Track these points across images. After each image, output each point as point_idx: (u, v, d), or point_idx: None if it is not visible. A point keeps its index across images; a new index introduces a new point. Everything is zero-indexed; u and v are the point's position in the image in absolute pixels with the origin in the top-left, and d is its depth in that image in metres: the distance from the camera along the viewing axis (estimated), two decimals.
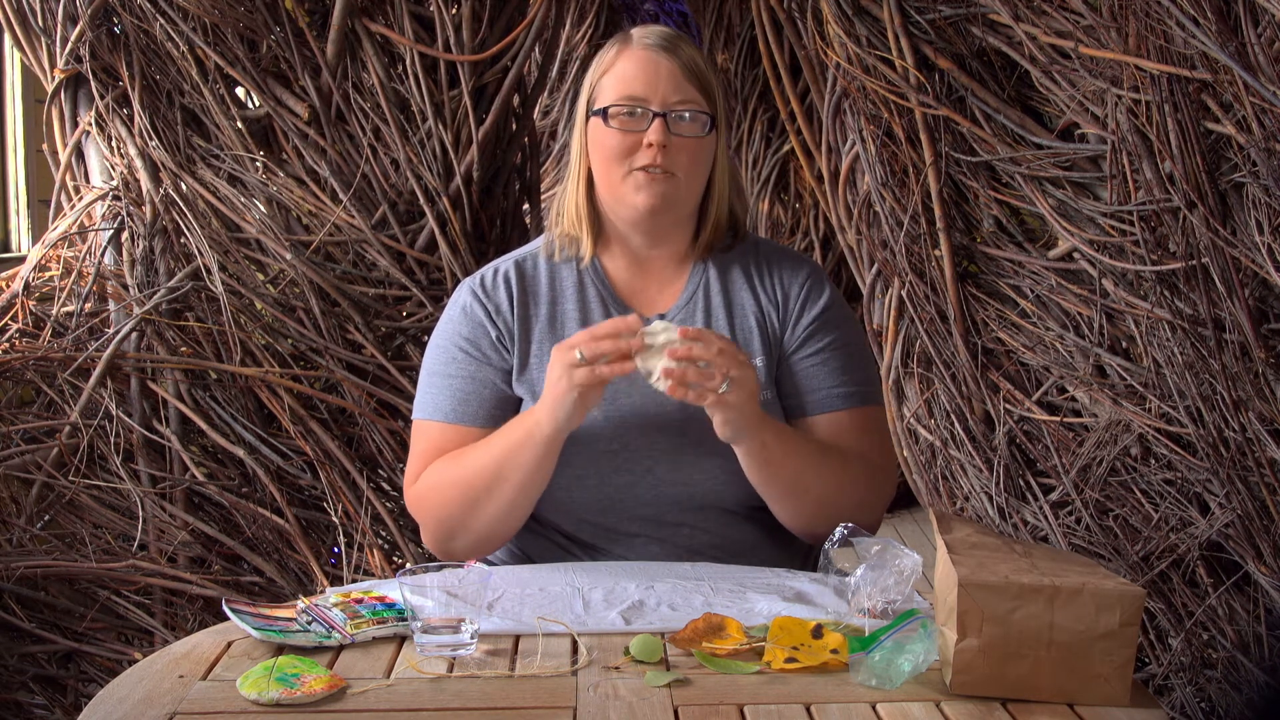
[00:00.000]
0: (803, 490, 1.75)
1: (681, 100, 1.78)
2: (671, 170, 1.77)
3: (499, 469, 1.73)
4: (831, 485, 1.75)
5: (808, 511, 1.77)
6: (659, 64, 1.78)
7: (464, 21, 3.03)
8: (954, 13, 2.92)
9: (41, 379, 2.90)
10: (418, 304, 3.07)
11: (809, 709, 1.28)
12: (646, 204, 1.78)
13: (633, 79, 1.78)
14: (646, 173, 1.77)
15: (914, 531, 4.56)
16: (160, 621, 2.78)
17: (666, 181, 1.77)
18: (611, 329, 1.64)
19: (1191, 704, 2.62)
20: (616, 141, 1.78)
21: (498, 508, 1.75)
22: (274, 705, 1.28)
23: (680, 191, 1.80)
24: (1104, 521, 2.77)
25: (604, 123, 1.78)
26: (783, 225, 4.96)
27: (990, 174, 2.97)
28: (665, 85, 1.77)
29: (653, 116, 1.76)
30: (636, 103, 1.77)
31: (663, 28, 1.85)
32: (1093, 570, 1.35)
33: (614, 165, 1.78)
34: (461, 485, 1.76)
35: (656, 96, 1.77)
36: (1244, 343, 2.52)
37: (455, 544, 1.80)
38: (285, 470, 2.95)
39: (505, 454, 1.72)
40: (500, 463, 1.72)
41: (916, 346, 3.12)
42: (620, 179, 1.79)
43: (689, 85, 1.78)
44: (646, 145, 1.76)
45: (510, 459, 1.72)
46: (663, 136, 1.76)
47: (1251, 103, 2.39)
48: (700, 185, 1.83)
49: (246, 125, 3.08)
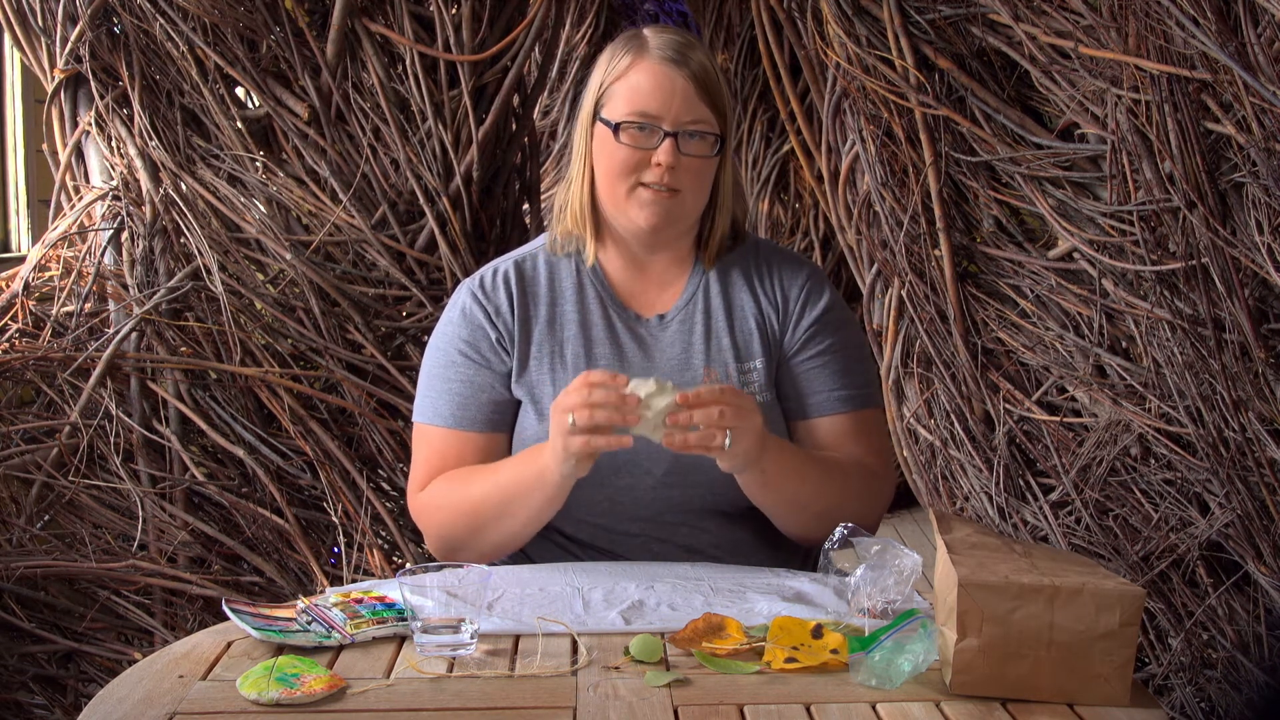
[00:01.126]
0: (801, 507, 1.76)
1: (694, 120, 1.76)
2: (677, 188, 1.77)
3: (507, 504, 1.73)
4: (832, 500, 1.75)
5: (805, 523, 1.78)
6: (674, 80, 1.76)
7: (464, 21, 3.03)
8: (954, 13, 2.92)
9: (41, 379, 2.90)
10: (418, 304, 3.07)
11: (809, 709, 1.28)
12: (649, 221, 1.78)
13: (647, 95, 1.76)
14: (652, 190, 1.76)
15: (914, 531, 4.56)
16: (160, 621, 2.78)
17: (671, 199, 1.77)
18: (604, 398, 1.57)
19: (1191, 704, 2.62)
20: (625, 156, 1.76)
21: (503, 536, 1.77)
22: (274, 705, 1.28)
23: (684, 208, 1.79)
24: (1104, 521, 2.77)
25: (614, 136, 1.77)
26: (783, 225, 4.96)
27: (990, 174, 2.97)
28: (678, 103, 1.75)
29: (663, 135, 1.75)
30: (649, 120, 1.76)
31: (675, 33, 1.81)
32: (1092, 570, 1.36)
33: (619, 179, 1.78)
34: (468, 512, 1.77)
35: (669, 115, 1.75)
36: (1244, 343, 2.52)
37: (458, 556, 1.80)
38: (285, 470, 2.95)
39: (515, 491, 1.72)
40: (509, 498, 1.73)
41: (916, 346, 3.12)
42: (625, 193, 1.78)
43: (701, 104, 1.76)
44: (655, 164, 1.75)
45: (520, 498, 1.72)
46: (672, 158, 1.75)
47: (1251, 103, 2.39)
48: (703, 200, 1.83)
49: (246, 125, 3.08)
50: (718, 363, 1.82)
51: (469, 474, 1.79)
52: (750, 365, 1.83)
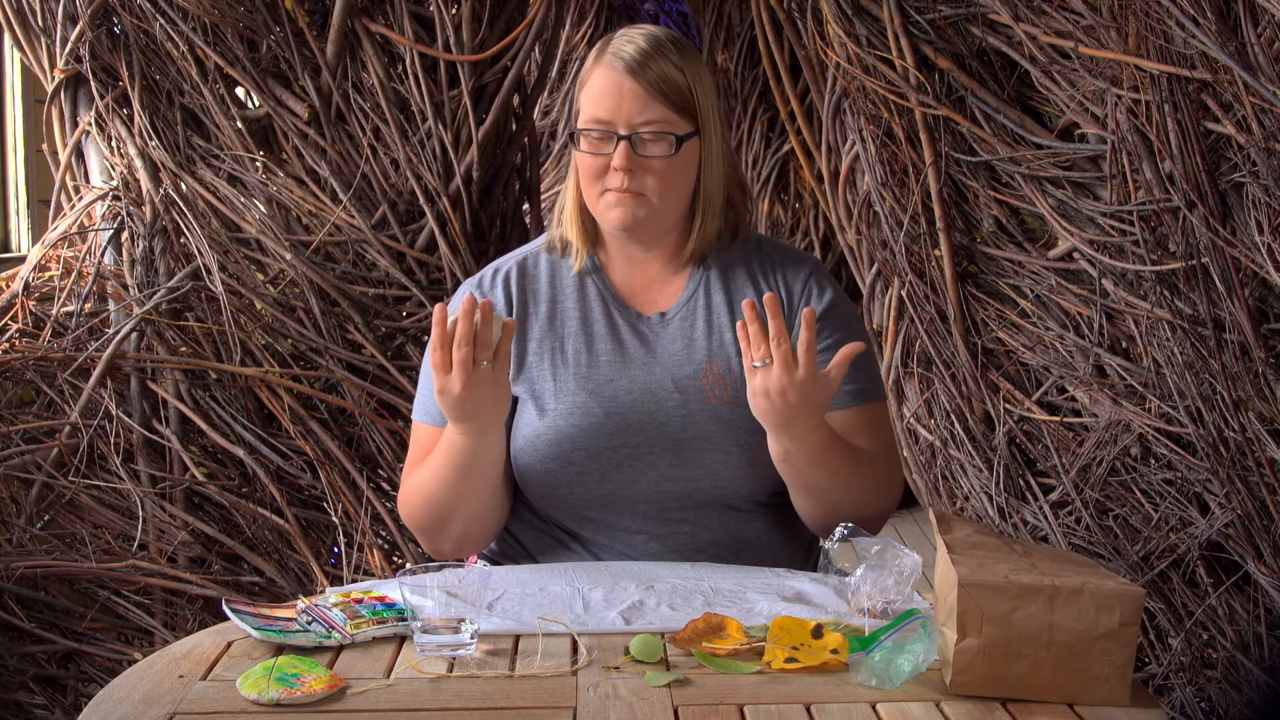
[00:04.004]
0: (822, 494, 1.76)
1: (646, 122, 1.75)
2: (640, 191, 1.77)
3: (446, 481, 1.75)
4: (855, 498, 1.76)
5: (821, 511, 1.78)
6: (622, 84, 1.75)
7: (464, 21, 3.03)
8: (954, 13, 2.92)
9: (41, 379, 2.90)
10: (417, 304, 3.07)
11: (809, 709, 1.28)
12: (618, 223, 1.78)
13: (599, 100, 1.77)
14: (614, 193, 1.77)
15: (914, 531, 4.55)
16: (160, 621, 2.78)
17: (635, 201, 1.77)
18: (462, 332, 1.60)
19: (1191, 704, 2.62)
20: (589, 162, 1.78)
21: (465, 514, 1.78)
22: (274, 705, 1.28)
23: (653, 210, 1.79)
24: (1104, 521, 2.77)
25: (574, 144, 1.80)
26: (783, 225, 4.96)
27: (990, 174, 2.97)
28: (629, 107, 1.75)
29: (617, 140, 1.76)
30: (602, 125, 1.77)
31: (643, 36, 1.80)
32: (1092, 570, 1.35)
33: (590, 184, 1.80)
34: (426, 495, 1.79)
35: (620, 119, 1.75)
36: (1244, 343, 2.52)
37: (441, 546, 1.83)
38: (285, 470, 2.95)
39: (445, 467, 1.74)
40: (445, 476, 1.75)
41: (916, 346, 3.12)
42: (596, 198, 1.80)
43: (656, 104, 1.75)
44: (613, 169, 1.76)
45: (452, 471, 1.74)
46: (626, 161, 1.75)
47: (1251, 103, 2.39)
48: (678, 199, 1.82)
49: (246, 125, 3.08)
50: (720, 359, 1.81)
51: (426, 462, 1.80)
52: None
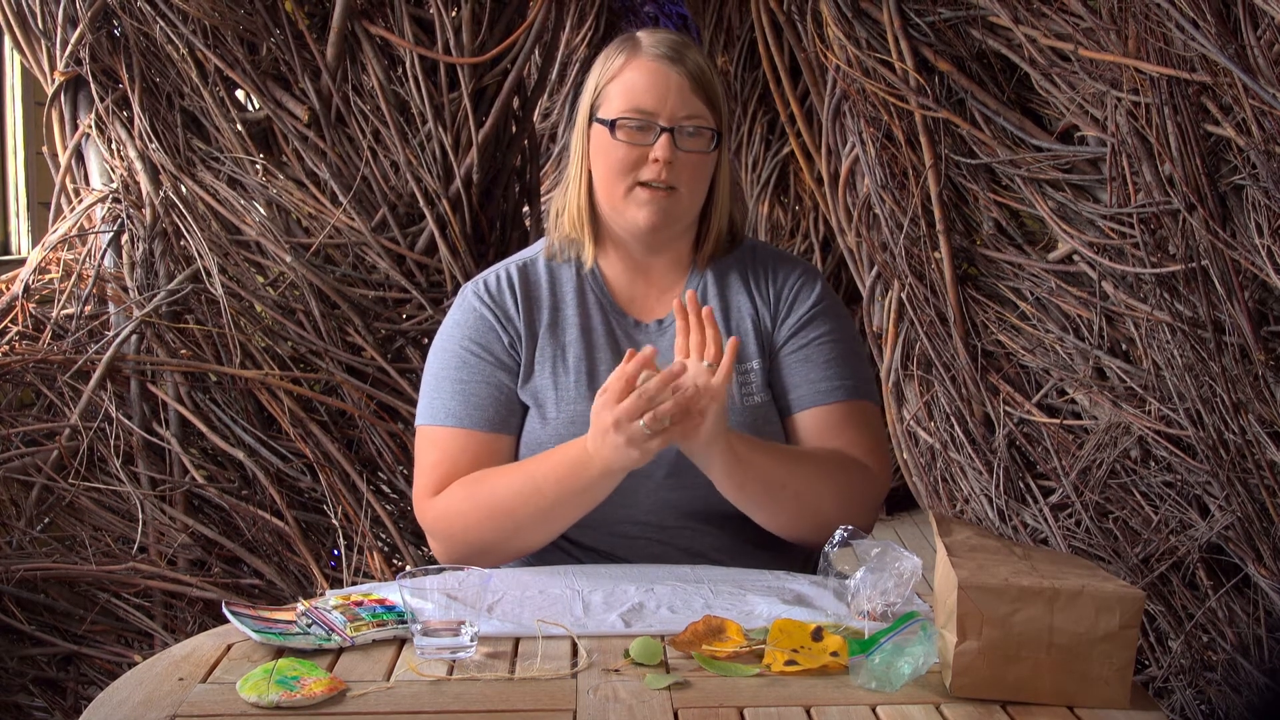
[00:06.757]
0: (773, 497, 1.72)
1: (689, 115, 1.76)
2: (675, 185, 1.77)
3: (550, 505, 1.69)
4: (807, 489, 1.72)
5: (789, 518, 1.74)
6: (669, 76, 1.76)
7: (464, 24, 3.03)
8: (954, 15, 2.92)
9: (41, 381, 2.90)
10: (418, 306, 3.07)
11: (809, 711, 1.28)
12: (648, 221, 1.77)
13: (642, 91, 1.76)
14: (649, 189, 1.76)
15: (914, 534, 4.56)
16: (160, 624, 2.78)
17: (669, 197, 1.77)
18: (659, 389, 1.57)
19: (1191, 706, 2.62)
20: (622, 154, 1.76)
21: (538, 537, 1.74)
22: (274, 708, 1.28)
23: (682, 206, 1.80)
24: (1104, 524, 2.77)
25: (610, 134, 1.77)
26: (782, 228, 4.96)
27: (990, 176, 2.97)
28: (674, 99, 1.76)
29: (660, 131, 1.75)
30: (645, 116, 1.76)
31: (669, 34, 1.83)
32: (1092, 573, 1.35)
33: (618, 178, 1.78)
34: (502, 514, 1.72)
35: (665, 110, 1.76)
36: (1244, 345, 2.52)
37: (479, 561, 1.76)
38: (285, 473, 2.95)
39: (559, 493, 1.68)
40: (553, 500, 1.69)
41: (916, 349, 3.12)
42: (623, 193, 1.78)
43: (696, 99, 1.77)
44: (652, 160, 1.75)
45: (566, 498, 1.69)
46: (669, 153, 1.75)
47: (1251, 105, 2.40)
48: (701, 198, 1.83)
49: (246, 128, 3.08)
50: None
51: (492, 476, 1.74)
52: (747, 366, 1.83)
